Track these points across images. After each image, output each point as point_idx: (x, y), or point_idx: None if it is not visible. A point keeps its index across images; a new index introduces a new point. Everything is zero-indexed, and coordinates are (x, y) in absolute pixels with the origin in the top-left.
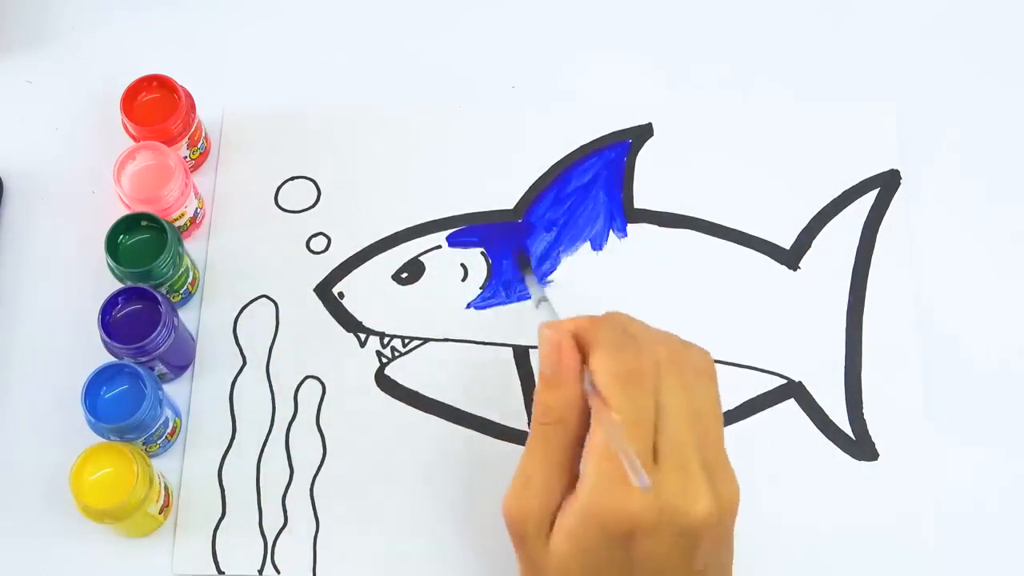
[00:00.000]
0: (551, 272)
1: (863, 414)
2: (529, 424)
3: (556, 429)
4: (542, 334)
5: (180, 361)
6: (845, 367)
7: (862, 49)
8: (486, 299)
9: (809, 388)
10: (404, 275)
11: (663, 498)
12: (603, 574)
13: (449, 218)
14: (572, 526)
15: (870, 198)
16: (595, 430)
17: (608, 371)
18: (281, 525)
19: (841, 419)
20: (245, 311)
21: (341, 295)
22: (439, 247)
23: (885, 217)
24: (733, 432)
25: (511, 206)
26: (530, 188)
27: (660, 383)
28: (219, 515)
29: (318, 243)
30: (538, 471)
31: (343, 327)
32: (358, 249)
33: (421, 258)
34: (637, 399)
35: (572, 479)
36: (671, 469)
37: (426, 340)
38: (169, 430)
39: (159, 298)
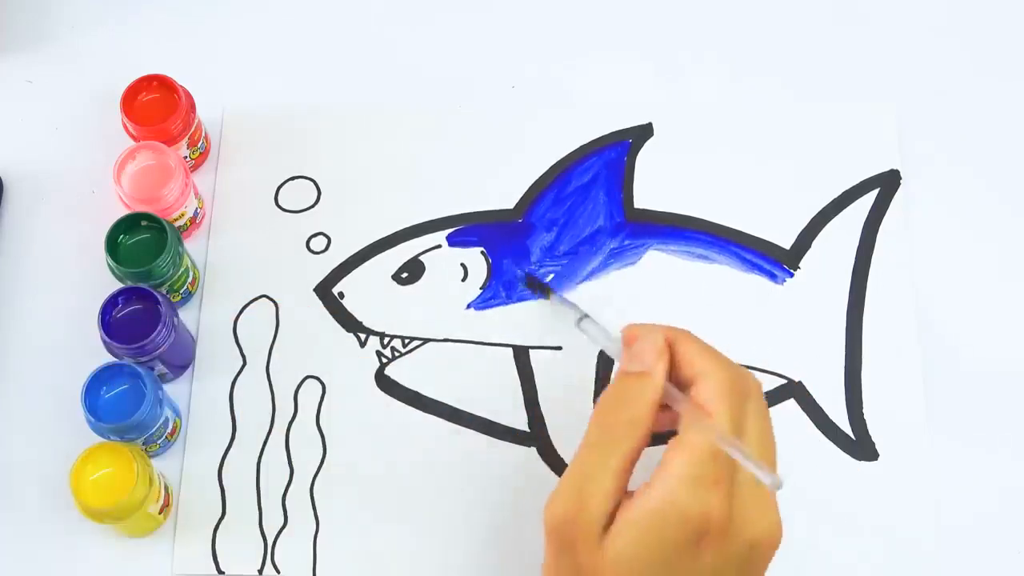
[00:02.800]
0: (552, 272)
1: (863, 414)
2: (529, 424)
3: (627, 430)
4: (642, 336)
5: (180, 361)
6: (845, 367)
7: (862, 49)
8: (486, 299)
9: (809, 388)
10: (404, 275)
11: (739, 508)
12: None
13: (449, 218)
14: (643, 524)
15: (870, 198)
16: (685, 429)
17: (720, 381)
18: (281, 525)
19: (841, 419)
20: (245, 311)
21: (341, 295)
22: (439, 247)
23: (885, 217)
24: None
25: (511, 206)
26: (530, 188)
27: (749, 406)
28: (219, 515)
29: (318, 243)
30: (598, 469)
31: (343, 327)
32: (358, 249)
33: (421, 258)
34: (738, 408)
35: (626, 483)
36: (748, 484)
37: (426, 340)
38: (169, 430)
39: (159, 298)
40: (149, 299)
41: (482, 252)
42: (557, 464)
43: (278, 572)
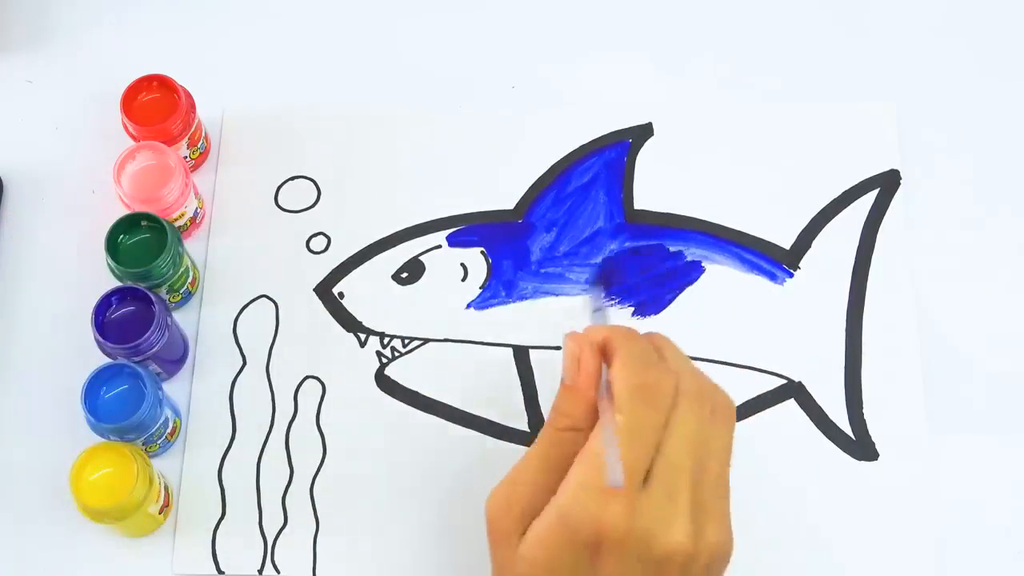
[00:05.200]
0: (552, 270)
1: (863, 414)
2: (529, 424)
3: (566, 436)
4: (565, 345)
5: (174, 359)
6: (845, 367)
7: (862, 49)
8: (486, 299)
9: (809, 388)
10: (404, 275)
11: (639, 518)
12: None
13: (449, 218)
14: (544, 528)
15: (870, 198)
16: (593, 436)
17: (624, 380)
18: (281, 525)
19: (841, 419)
20: (245, 311)
21: (341, 295)
22: (439, 247)
23: (885, 217)
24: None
25: (511, 206)
26: (530, 188)
27: (675, 409)
28: (219, 515)
29: (318, 243)
30: (532, 472)
31: (343, 327)
32: (358, 249)
33: (421, 258)
34: (643, 413)
35: (554, 489)
36: (657, 493)
37: (426, 340)
38: (169, 430)
39: (152, 298)
40: (142, 299)
41: (482, 252)
42: None
43: (278, 572)
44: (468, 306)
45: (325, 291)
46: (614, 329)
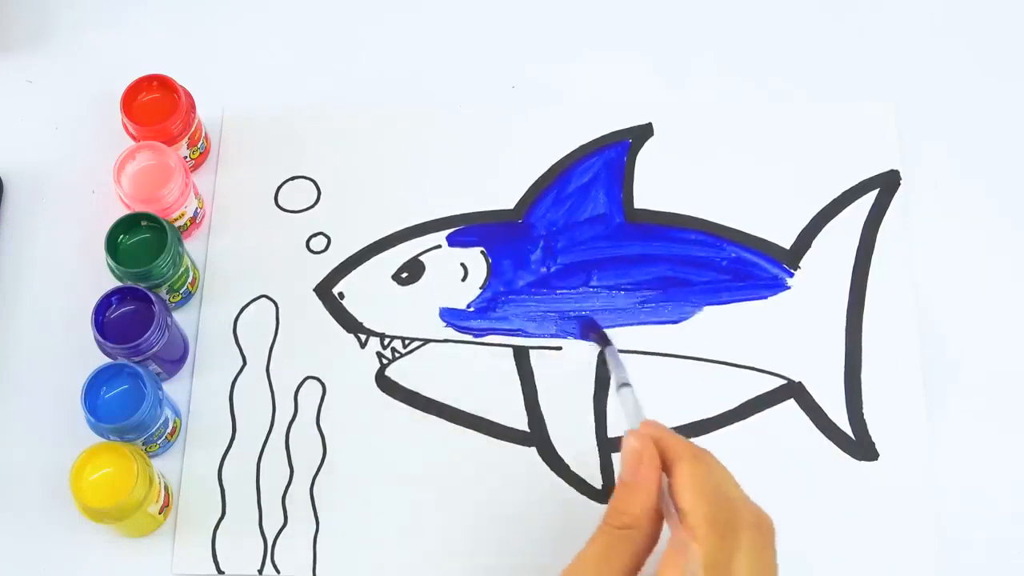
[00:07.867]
0: (552, 268)
1: (863, 414)
2: (529, 424)
3: (624, 534)
4: (627, 442)
5: (174, 359)
6: (845, 367)
7: (862, 48)
8: (486, 299)
9: (809, 388)
10: (404, 275)
11: None
12: None
13: (449, 218)
14: None
15: (870, 198)
16: (674, 558)
17: (702, 509)
18: (281, 525)
19: (841, 419)
20: (245, 311)
21: (341, 295)
22: (439, 247)
23: (885, 217)
24: (733, 432)
25: (511, 206)
26: (530, 188)
27: (739, 542)
28: (219, 515)
29: (318, 243)
30: (592, 571)
31: (343, 327)
32: (358, 249)
33: (421, 258)
34: (721, 548)
35: None
36: None
37: (426, 341)
38: (169, 430)
39: (152, 298)
40: (142, 299)
41: (482, 252)
42: (557, 464)
43: (278, 572)
44: (468, 306)
45: (325, 291)
46: (675, 438)
